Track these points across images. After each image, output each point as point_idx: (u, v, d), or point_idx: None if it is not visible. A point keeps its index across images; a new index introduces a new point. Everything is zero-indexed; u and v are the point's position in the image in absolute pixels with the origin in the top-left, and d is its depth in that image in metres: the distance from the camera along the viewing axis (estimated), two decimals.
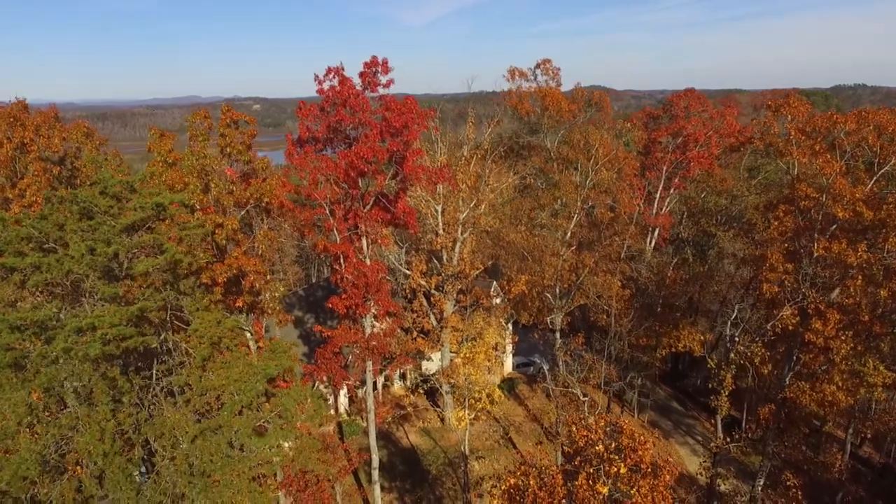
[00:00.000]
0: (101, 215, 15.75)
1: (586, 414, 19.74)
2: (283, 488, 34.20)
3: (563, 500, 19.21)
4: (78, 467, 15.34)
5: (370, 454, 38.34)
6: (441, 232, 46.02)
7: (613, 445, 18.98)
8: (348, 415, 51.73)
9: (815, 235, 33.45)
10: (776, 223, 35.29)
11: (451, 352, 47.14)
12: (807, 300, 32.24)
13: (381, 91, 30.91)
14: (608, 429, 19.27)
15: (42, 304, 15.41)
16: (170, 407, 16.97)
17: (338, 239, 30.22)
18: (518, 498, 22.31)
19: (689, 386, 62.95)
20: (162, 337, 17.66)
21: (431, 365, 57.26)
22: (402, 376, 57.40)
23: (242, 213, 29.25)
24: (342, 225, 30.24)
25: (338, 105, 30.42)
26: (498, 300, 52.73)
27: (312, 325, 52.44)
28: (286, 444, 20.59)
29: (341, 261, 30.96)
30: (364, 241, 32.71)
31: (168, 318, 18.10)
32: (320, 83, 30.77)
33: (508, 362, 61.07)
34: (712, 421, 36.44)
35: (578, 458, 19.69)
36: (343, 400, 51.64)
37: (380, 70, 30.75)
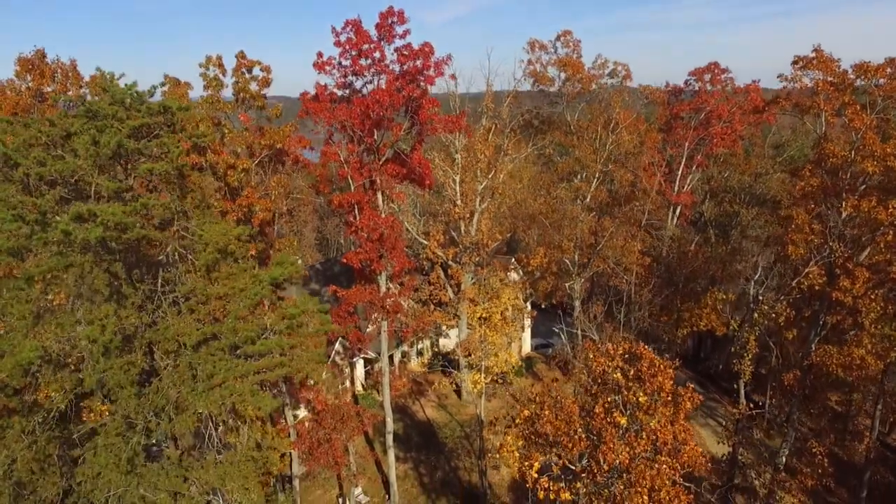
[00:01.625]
0: (108, 119, 15.44)
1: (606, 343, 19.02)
2: (296, 446, 33.89)
3: (580, 430, 18.58)
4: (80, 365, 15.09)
5: (385, 418, 37.87)
6: (459, 202, 45.49)
7: (632, 372, 18.31)
8: (364, 388, 51.34)
9: (844, 195, 32.43)
10: (802, 184, 34.31)
11: (468, 325, 46.45)
12: (834, 255, 31.21)
13: (398, 42, 30.51)
14: (627, 356, 18.58)
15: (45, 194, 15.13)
16: (173, 315, 16.63)
17: (353, 188, 29.81)
18: (533, 435, 21.72)
19: (711, 368, 61.73)
20: (166, 241, 17.31)
21: (448, 342, 56.75)
22: (420, 353, 56.91)
23: (256, 161, 28.97)
24: (357, 174, 29.83)
25: (354, 56, 30.10)
26: (515, 275, 52.05)
27: (329, 311, 52.32)
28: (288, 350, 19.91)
29: (356, 212, 30.55)
30: (379, 196, 32.27)
31: (175, 229, 17.75)
32: (337, 35, 30.43)
33: (527, 343, 60.30)
34: (733, 412, 35.55)
35: (596, 387, 19.05)
36: (360, 373, 51.25)
37: (396, 20, 30.32)
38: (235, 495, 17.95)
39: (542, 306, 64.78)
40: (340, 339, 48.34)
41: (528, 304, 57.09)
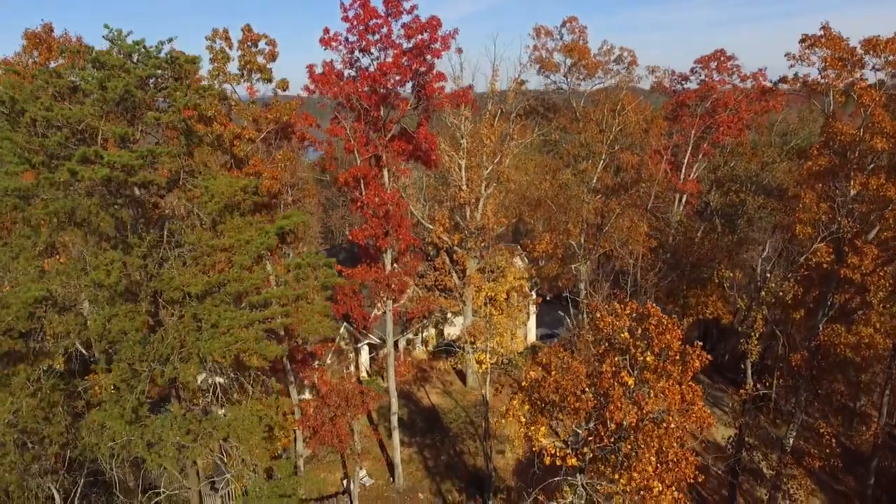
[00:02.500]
0: (114, 69, 15.41)
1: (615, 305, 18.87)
2: (300, 425, 33.85)
3: (587, 390, 18.46)
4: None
5: (389, 399, 37.83)
6: (464, 187, 45.40)
7: (640, 331, 18.18)
8: (369, 374, 51.31)
9: (852, 173, 32.24)
10: (809, 163, 34.13)
11: (473, 308, 46.33)
12: (843, 231, 31.00)
13: (405, 18, 30.46)
14: (635, 315, 18.45)
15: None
16: (178, 266, 16.56)
17: (358, 162, 29.76)
18: (539, 401, 21.61)
19: (717, 359, 61.45)
20: (172, 188, 17.23)
21: (454, 330, 56.65)
22: (424, 341, 56.82)
23: (262, 136, 28.92)
24: (363, 149, 29.77)
25: (361, 31, 30.06)
26: (521, 262, 51.91)
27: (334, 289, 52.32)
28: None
29: (362, 186, 30.50)
30: (385, 173, 32.23)
31: (180, 180, 17.69)
32: (345, 11, 30.41)
33: (532, 332, 60.12)
34: (740, 392, 35.36)
35: (603, 347, 18.93)
36: (364, 360, 51.20)
37: None
38: (241, 451, 17.90)
39: (548, 298, 64.63)
40: (345, 324, 48.38)
41: (534, 293, 56.96)
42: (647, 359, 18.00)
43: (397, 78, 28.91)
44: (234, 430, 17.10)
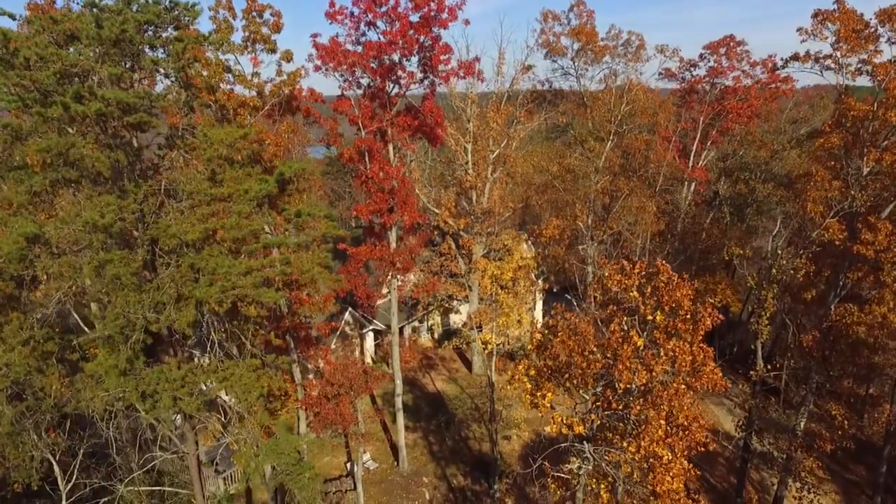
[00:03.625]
0: (112, 13, 15.01)
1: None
2: (304, 404, 33.48)
3: (595, 350, 17.98)
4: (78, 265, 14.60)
5: (394, 380, 37.42)
6: (471, 171, 44.96)
7: (649, 289, 17.69)
8: (374, 360, 50.91)
9: (865, 149, 31.64)
10: (821, 140, 33.56)
11: (479, 288, 45.74)
12: (856, 204, 30.39)
13: None
14: (644, 275, 17.96)
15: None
16: (176, 214, 16.15)
17: (363, 134, 29.35)
18: (545, 368, 21.15)
19: (725, 350, 60.79)
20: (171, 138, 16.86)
21: (459, 318, 56.23)
22: (430, 329, 56.40)
23: (266, 107, 28.54)
24: (368, 121, 29.36)
25: (368, 3, 29.68)
26: (527, 250, 51.40)
27: (337, 270, 51.96)
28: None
29: (366, 160, 30.10)
30: (390, 148, 31.82)
31: (179, 125, 17.27)
32: None
33: (539, 321, 59.65)
34: (750, 374, 34.78)
35: (611, 307, 18.45)
36: (369, 346, 50.81)
37: None
38: (239, 405, 17.47)
39: (555, 290, 64.10)
40: (350, 310, 48.03)
41: (540, 281, 56.45)
42: (657, 318, 17.52)
43: (404, 49, 28.52)
44: (231, 385, 16.69)
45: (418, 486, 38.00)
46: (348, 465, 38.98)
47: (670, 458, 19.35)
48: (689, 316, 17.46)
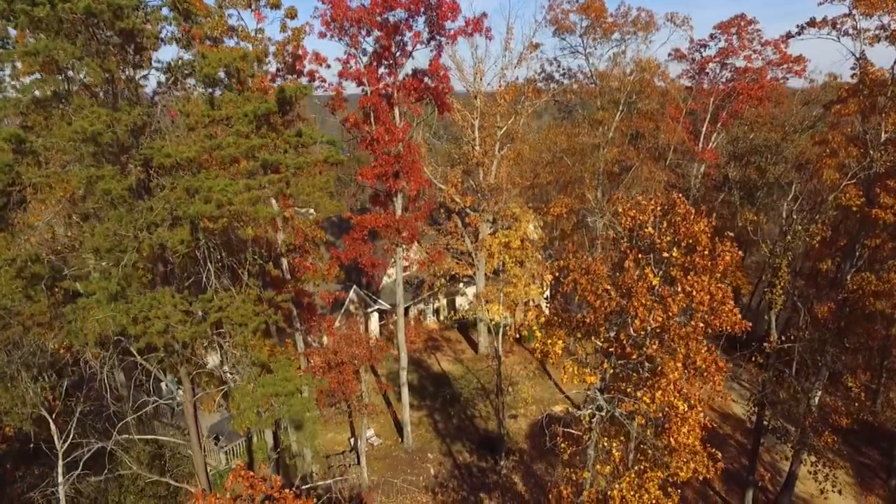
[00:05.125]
0: None
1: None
2: (307, 371, 32.83)
3: (608, 287, 17.25)
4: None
5: (398, 352, 36.75)
6: (478, 147, 44.31)
7: (665, 224, 16.95)
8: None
9: (884, 113, 30.86)
10: (838, 106, 32.78)
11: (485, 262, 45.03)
12: (875, 166, 29.60)
13: None
14: (660, 210, 17.22)
15: None
16: (172, 136, 15.52)
17: (368, 92, 28.71)
18: (556, 316, 20.45)
19: (735, 335, 59.84)
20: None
21: (465, 301, 55.55)
22: (436, 312, 55.70)
23: (272, 68, 27.98)
24: (374, 79, 28.72)
25: None
26: (534, 232, 50.67)
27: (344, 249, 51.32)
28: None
29: (371, 120, 29.47)
30: (396, 112, 31.19)
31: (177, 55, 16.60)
32: None
33: (545, 308, 58.87)
34: (757, 369, 34.03)
35: (625, 244, 17.73)
36: (374, 326, 50.14)
37: None
38: (236, 338, 16.83)
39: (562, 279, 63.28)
40: (355, 288, 47.40)
41: (549, 262, 55.71)
42: (674, 254, 16.77)
43: (410, 6, 27.91)
44: (227, 316, 16.01)
45: (423, 461, 37.29)
46: (352, 440, 38.30)
47: (686, 409, 18.65)
48: (707, 252, 16.72)
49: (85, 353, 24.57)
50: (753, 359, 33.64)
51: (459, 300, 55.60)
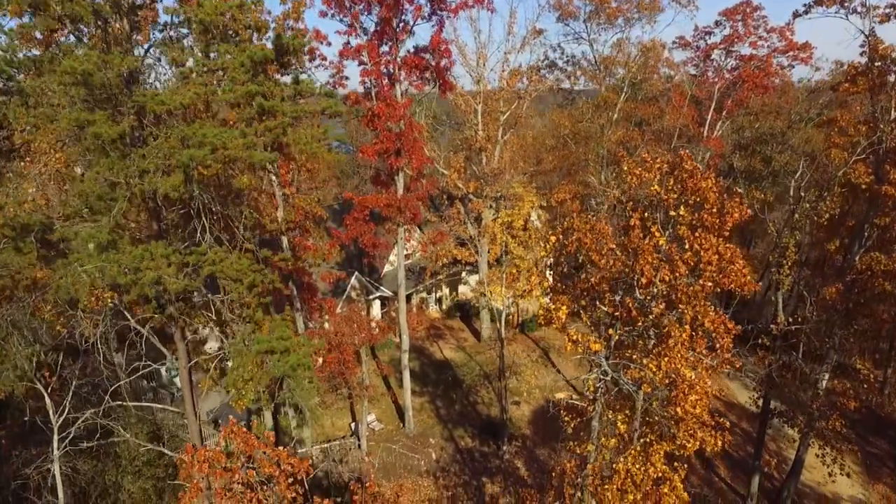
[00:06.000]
0: None
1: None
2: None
3: (614, 247, 16.79)
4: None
5: (400, 334, 36.34)
6: (481, 132, 43.89)
7: (671, 182, 16.48)
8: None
9: (893, 91, 30.34)
10: (847, 85, 32.26)
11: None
12: (886, 142, 29.06)
13: None
14: (667, 168, 16.76)
15: None
16: (166, 85, 15.15)
17: (369, 66, 28.31)
18: (560, 283, 20.03)
19: (740, 327, 59.28)
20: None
21: (468, 289, 55.11)
22: (439, 301, 55.26)
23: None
24: (375, 54, 28.31)
25: None
26: (537, 219, 50.21)
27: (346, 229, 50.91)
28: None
29: (373, 95, 29.07)
30: (397, 88, 30.80)
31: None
32: None
33: (547, 299, 58.38)
34: (764, 352, 33.52)
35: (631, 204, 17.27)
36: (376, 313, 49.71)
37: None
38: (231, 294, 16.39)
39: (564, 269, 62.77)
40: (356, 274, 47.00)
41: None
42: (681, 212, 16.31)
43: None
44: (221, 270, 15.58)
45: (424, 446, 36.84)
46: (352, 425, 37.86)
47: (693, 377, 18.21)
48: (714, 210, 16.25)
49: (80, 326, 24.20)
50: (760, 341, 33.14)
51: (462, 289, 55.16)
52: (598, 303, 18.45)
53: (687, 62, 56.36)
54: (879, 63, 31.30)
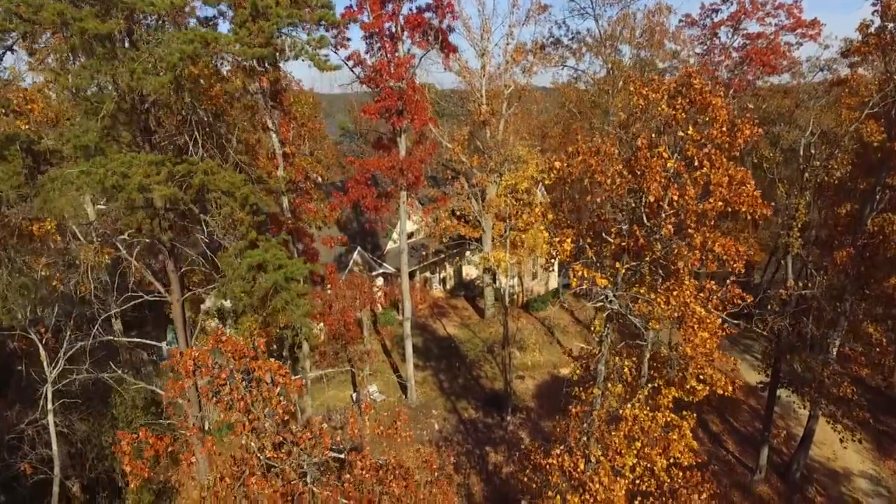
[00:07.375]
0: None
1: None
2: (308, 318, 31.92)
3: (620, 168, 16.21)
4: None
5: (402, 301, 35.78)
6: (485, 105, 43.37)
7: (679, 101, 15.89)
8: (383, 307, 49.23)
9: None
10: (859, 44, 31.60)
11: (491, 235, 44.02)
12: None
13: None
14: (675, 88, 16.17)
15: None
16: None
17: (370, 18, 27.82)
18: (563, 217, 19.51)
19: (745, 308, 58.42)
20: None
21: (471, 269, 54.58)
22: (442, 281, 54.72)
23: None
24: (377, 6, 27.81)
25: None
26: (539, 195, 49.62)
27: (348, 215, 50.43)
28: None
29: (375, 49, 28.61)
30: (400, 48, 30.31)
31: None
32: None
33: (554, 280, 57.65)
34: (780, 292, 32.78)
35: (637, 125, 16.71)
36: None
37: None
38: (223, 209, 15.79)
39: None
40: (359, 249, 46.52)
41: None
42: (690, 131, 15.73)
43: None
44: (212, 181, 15.03)
45: (427, 417, 36.28)
46: (353, 395, 37.32)
47: (702, 314, 17.68)
48: (725, 129, 15.67)
49: (75, 276, 23.77)
50: (769, 306, 32.48)
51: (466, 269, 54.62)
52: (604, 234, 17.88)
53: (693, 40, 55.82)
54: (892, 24, 30.68)
